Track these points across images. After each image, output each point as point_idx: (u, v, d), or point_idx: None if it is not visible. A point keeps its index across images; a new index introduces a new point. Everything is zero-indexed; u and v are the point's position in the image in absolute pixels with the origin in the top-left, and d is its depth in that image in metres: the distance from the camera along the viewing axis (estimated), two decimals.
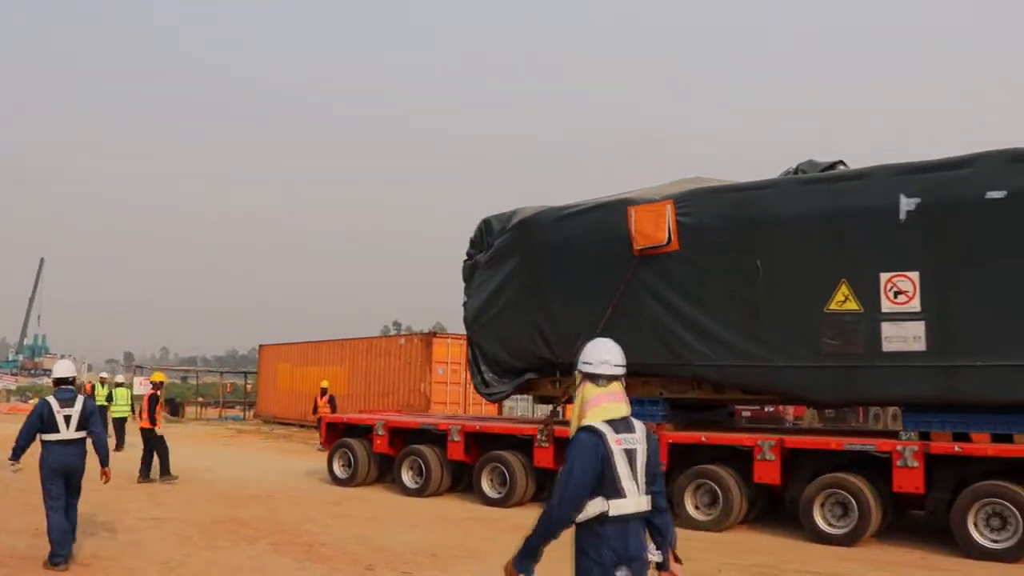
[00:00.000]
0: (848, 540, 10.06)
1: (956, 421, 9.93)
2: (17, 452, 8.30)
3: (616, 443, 4.07)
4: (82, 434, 8.39)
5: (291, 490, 14.10)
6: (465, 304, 13.59)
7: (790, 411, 25.86)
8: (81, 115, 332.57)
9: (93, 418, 8.51)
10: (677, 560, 4.31)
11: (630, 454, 4.11)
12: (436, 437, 13.94)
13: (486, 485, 13.12)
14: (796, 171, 11.35)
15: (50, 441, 8.23)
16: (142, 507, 11.90)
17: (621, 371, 4.31)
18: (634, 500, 4.08)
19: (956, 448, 9.79)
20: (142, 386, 39.49)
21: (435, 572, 8.32)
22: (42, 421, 8.24)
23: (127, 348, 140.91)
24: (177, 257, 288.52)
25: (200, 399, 43.13)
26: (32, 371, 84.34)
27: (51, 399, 8.37)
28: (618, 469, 4.05)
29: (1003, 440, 9.66)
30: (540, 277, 12.53)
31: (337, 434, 15.61)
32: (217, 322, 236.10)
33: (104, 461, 8.42)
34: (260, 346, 36.37)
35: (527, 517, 10.93)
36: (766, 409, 24.10)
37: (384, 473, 14.73)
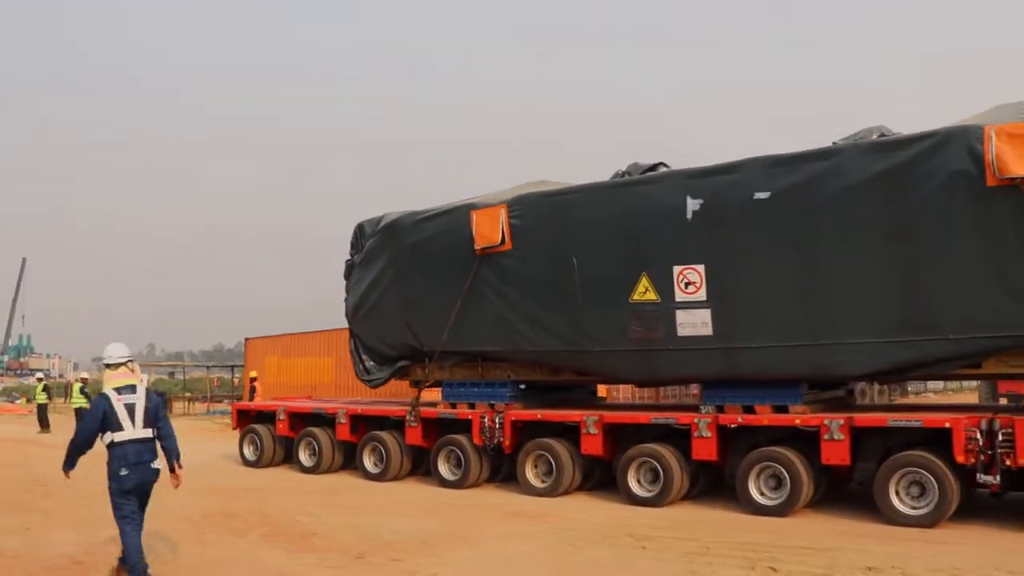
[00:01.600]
0: (656, 502, 11.20)
1: (745, 396, 11.02)
2: None
3: (118, 400, 7.25)
4: None
5: (280, 482, 14.08)
6: (346, 300, 14.68)
7: None
8: (58, 111, 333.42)
9: None
10: (179, 466, 7.47)
11: (129, 406, 7.26)
12: (328, 420, 15.16)
13: (368, 463, 14.32)
14: (624, 174, 12.38)
15: None
16: None
17: (123, 359, 7.57)
18: (130, 432, 7.20)
19: (739, 419, 10.94)
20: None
21: (426, 558, 8.33)
22: None
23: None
24: (162, 253, 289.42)
25: (188, 394, 43.26)
26: (18, 371, 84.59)
27: None
28: (119, 415, 7.20)
29: (781, 411, 10.83)
30: (404, 274, 13.58)
31: (249, 420, 16.82)
32: (204, 317, 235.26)
33: None
34: (246, 339, 36.03)
35: (522, 503, 11.65)
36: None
37: (289, 455, 15.91)
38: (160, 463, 7.43)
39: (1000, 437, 9.37)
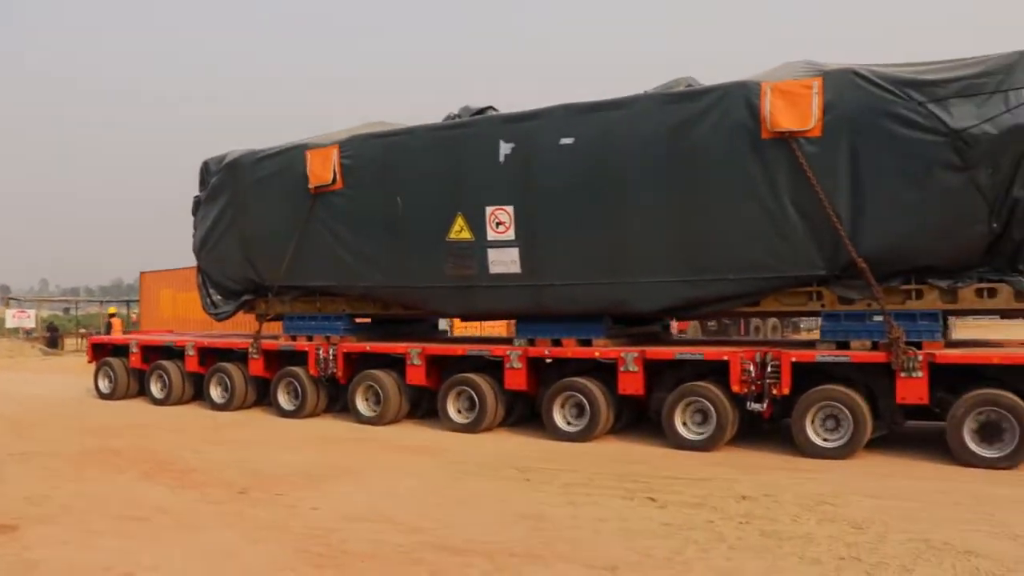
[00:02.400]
0: (471, 428, 11.76)
1: (554, 330, 11.56)
2: None
3: None
4: None
5: (167, 418, 13.75)
6: (193, 235, 14.78)
7: (674, 324, 27.41)
8: None
9: None
10: None
11: None
12: (179, 353, 15.35)
13: (214, 393, 14.60)
14: (455, 117, 12.67)
15: None
16: (8, 441, 11.50)
17: None
18: None
19: (546, 352, 11.52)
20: (15, 319, 39.61)
21: (308, 492, 8.23)
22: None
23: (2, 281, 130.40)
24: (55, 183, 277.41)
25: (82, 330, 42.18)
26: None
27: None
28: None
29: (585, 345, 11.44)
30: (244, 211, 13.69)
31: (105, 353, 16.88)
32: (103, 252, 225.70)
33: None
34: (141, 273, 35.21)
35: (400, 435, 11.46)
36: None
37: (143, 387, 16.01)
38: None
39: (770, 369, 10.12)
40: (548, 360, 11.83)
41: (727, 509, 7.40)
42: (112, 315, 22.75)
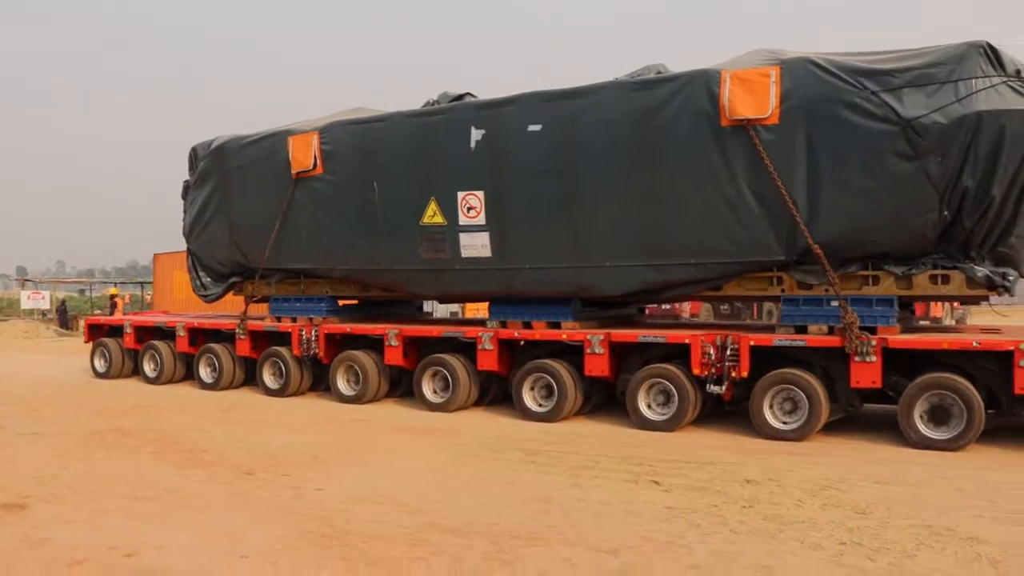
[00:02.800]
0: (445, 407, 11.99)
1: (525, 313, 11.80)
2: None
3: None
4: None
5: (177, 398, 13.84)
6: (183, 219, 15.07)
7: (686, 308, 27.46)
8: None
9: None
10: None
11: None
12: (170, 333, 15.70)
13: (203, 373, 14.92)
14: (435, 103, 12.86)
15: None
16: (20, 422, 11.50)
17: None
18: None
19: (516, 334, 11.75)
20: (30, 300, 40.26)
21: (313, 473, 8.20)
22: None
23: (20, 262, 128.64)
24: (72, 164, 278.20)
25: (97, 312, 43.03)
26: None
27: None
28: None
29: (554, 327, 11.65)
30: (231, 195, 13.96)
31: (101, 333, 17.27)
32: (119, 234, 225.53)
33: None
34: (155, 255, 35.07)
35: (402, 416, 11.64)
36: (662, 307, 25.48)
37: (136, 367, 16.41)
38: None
39: (729, 352, 10.29)
40: (521, 342, 12.06)
41: (731, 493, 7.39)
42: (114, 296, 23.20)
